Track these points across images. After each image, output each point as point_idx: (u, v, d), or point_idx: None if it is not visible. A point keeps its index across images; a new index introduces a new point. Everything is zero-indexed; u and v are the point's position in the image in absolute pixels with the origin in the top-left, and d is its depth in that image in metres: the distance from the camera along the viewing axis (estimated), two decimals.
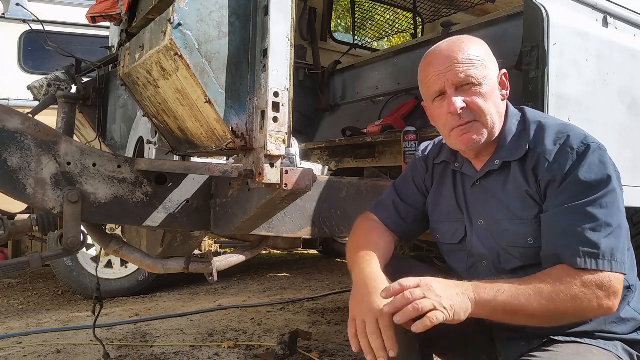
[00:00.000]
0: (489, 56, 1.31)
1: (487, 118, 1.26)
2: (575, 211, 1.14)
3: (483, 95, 1.25)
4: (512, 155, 1.28)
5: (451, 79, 1.25)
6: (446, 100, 1.27)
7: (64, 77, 2.13)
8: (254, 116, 1.23)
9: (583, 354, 1.18)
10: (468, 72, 1.24)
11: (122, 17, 1.82)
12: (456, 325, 1.42)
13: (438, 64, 1.27)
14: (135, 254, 1.61)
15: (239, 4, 1.22)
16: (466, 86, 1.25)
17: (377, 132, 2.37)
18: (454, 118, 1.26)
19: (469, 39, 1.31)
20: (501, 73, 1.32)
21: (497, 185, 1.31)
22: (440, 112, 1.30)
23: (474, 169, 1.38)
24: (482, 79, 1.25)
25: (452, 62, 1.25)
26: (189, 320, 3.32)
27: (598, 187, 1.15)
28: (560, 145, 1.21)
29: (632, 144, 1.94)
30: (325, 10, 3.66)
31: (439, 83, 1.27)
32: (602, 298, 1.10)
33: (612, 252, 1.12)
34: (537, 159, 1.23)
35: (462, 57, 1.25)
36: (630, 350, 1.25)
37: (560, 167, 1.18)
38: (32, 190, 1.35)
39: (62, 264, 3.86)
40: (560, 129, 1.25)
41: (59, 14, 4.34)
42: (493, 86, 1.28)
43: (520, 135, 1.30)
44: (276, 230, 1.61)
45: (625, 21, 2.05)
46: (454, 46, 1.28)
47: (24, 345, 2.83)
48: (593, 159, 1.17)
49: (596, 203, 1.14)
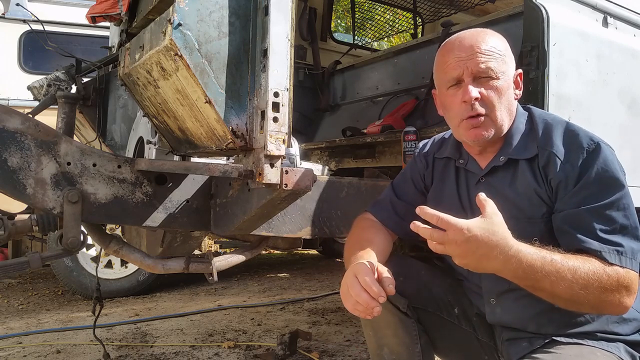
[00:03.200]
0: (509, 53, 1.30)
1: (498, 114, 1.25)
2: (596, 212, 1.15)
3: (498, 90, 1.24)
4: (521, 154, 1.28)
5: (471, 67, 1.24)
6: (462, 89, 1.26)
7: (64, 77, 2.13)
8: (254, 116, 1.23)
9: (586, 356, 1.17)
10: (489, 63, 1.23)
11: (122, 17, 1.82)
12: (458, 324, 1.41)
13: (460, 50, 1.26)
14: (135, 254, 1.61)
15: (239, 4, 1.22)
16: (484, 78, 1.24)
17: (377, 132, 2.37)
18: (467, 107, 1.25)
19: (492, 32, 1.30)
20: (517, 73, 1.31)
21: (504, 183, 1.30)
22: (454, 100, 1.28)
23: (479, 166, 1.36)
24: (500, 74, 1.24)
25: (475, 51, 1.24)
26: (189, 320, 3.32)
27: (612, 187, 1.16)
28: (570, 145, 1.21)
29: (632, 144, 1.94)
30: (325, 10, 3.66)
31: (457, 70, 1.26)
32: (624, 296, 1.12)
33: (632, 252, 1.14)
34: (547, 157, 1.22)
35: (485, 47, 1.24)
36: (632, 351, 1.25)
37: (572, 167, 1.18)
38: (32, 190, 1.35)
39: (62, 264, 3.86)
40: (567, 127, 1.25)
41: (59, 14, 4.34)
42: (509, 83, 1.27)
43: (529, 134, 1.29)
44: (276, 230, 1.61)
45: (625, 21, 2.05)
46: (478, 36, 1.27)
47: (24, 345, 2.83)
48: (604, 158, 1.17)
49: (614, 205, 1.15)
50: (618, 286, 1.11)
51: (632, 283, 1.12)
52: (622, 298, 1.11)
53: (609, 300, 1.11)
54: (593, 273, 1.09)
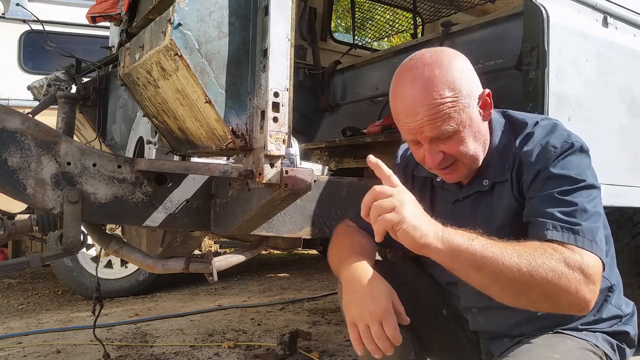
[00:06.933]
0: (464, 84, 1.14)
1: (469, 156, 1.18)
2: (557, 196, 1.09)
3: (461, 139, 1.15)
4: (501, 176, 1.22)
5: (425, 134, 1.14)
6: (421, 149, 1.19)
7: (64, 77, 2.13)
8: (254, 116, 1.23)
9: (554, 344, 1.16)
10: (442, 127, 1.12)
11: (122, 17, 1.82)
12: (447, 326, 1.35)
13: (406, 116, 1.15)
14: (135, 254, 1.61)
15: (239, 4, 1.22)
16: (442, 139, 1.15)
17: (377, 132, 2.37)
18: None
19: (433, 70, 1.13)
20: (484, 94, 1.19)
21: (479, 205, 1.26)
22: (416, 153, 1.23)
23: (456, 184, 1.31)
24: (458, 125, 1.13)
25: (423, 119, 1.12)
26: (189, 320, 3.32)
27: (579, 180, 1.11)
28: (542, 146, 1.16)
29: (632, 144, 1.94)
30: (325, 10, 3.66)
31: (410, 135, 1.17)
32: (581, 283, 0.99)
33: (592, 233, 1.05)
34: (519, 160, 1.18)
35: (432, 110, 1.11)
36: (611, 340, 1.24)
37: (542, 164, 1.14)
38: (32, 190, 1.35)
39: (62, 264, 3.86)
40: (549, 129, 1.20)
41: (59, 14, 4.34)
42: (472, 121, 1.16)
43: (507, 147, 1.23)
44: (276, 230, 1.61)
45: (625, 21, 2.05)
46: (421, 94, 1.12)
47: (24, 345, 2.83)
48: (574, 158, 1.13)
49: (577, 191, 1.10)
50: (571, 268, 0.99)
51: (590, 268, 1.01)
52: (579, 285, 0.99)
53: (562, 285, 0.98)
54: (539, 252, 1.00)
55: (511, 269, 0.98)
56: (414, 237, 0.99)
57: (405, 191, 1.04)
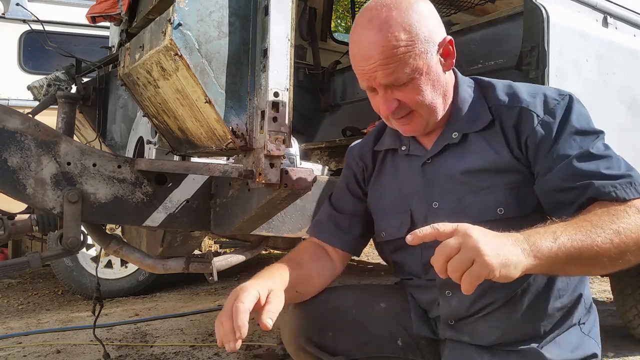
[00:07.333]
0: (422, 28, 1.07)
1: (427, 107, 1.12)
2: (590, 155, 1.05)
3: (418, 88, 1.09)
4: (473, 126, 1.15)
5: (379, 80, 1.08)
6: (377, 97, 1.13)
7: (64, 77, 2.13)
8: (254, 116, 1.23)
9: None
10: (395, 73, 1.06)
11: (122, 17, 1.82)
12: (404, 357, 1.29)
13: (361, 59, 1.09)
14: (135, 254, 1.61)
15: (239, 4, 1.22)
16: (396, 85, 1.09)
17: None
18: (389, 115, 1.14)
19: (390, 11, 1.06)
20: (446, 41, 1.11)
21: (453, 160, 1.17)
22: (374, 102, 1.16)
23: (424, 147, 1.23)
24: (414, 71, 1.07)
25: (376, 62, 1.06)
26: (189, 320, 3.32)
27: (597, 131, 1.09)
28: (543, 100, 1.10)
29: (632, 144, 1.94)
30: (325, 10, 3.66)
31: (365, 81, 1.12)
32: None
33: (638, 175, 1.04)
34: (518, 114, 1.11)
35: (385, 53, 1.05)
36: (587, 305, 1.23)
37: (553, 121, 1.08)
38: (32, 190, 1.35)
39: (62, 264, 3.85)
40: (527, 85, 1.16)
41: (59, 14, 4.34)
42: (430, 68, 1.09)
43: (477, 101, 1.17)
44: (276, 230, 1.61)
45: (625, 21, 2.06)
46: (376, 37, 1.05)
47: (24, 345, 2.83)
48: (578, 108, 1.10)
49: (601, 141, 1.08)
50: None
51: None
52: None
53: None
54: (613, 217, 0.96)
55: (604, 247, 0.94)
56: (511, 276, 0.88)
57: (464, 228, 0.89)
